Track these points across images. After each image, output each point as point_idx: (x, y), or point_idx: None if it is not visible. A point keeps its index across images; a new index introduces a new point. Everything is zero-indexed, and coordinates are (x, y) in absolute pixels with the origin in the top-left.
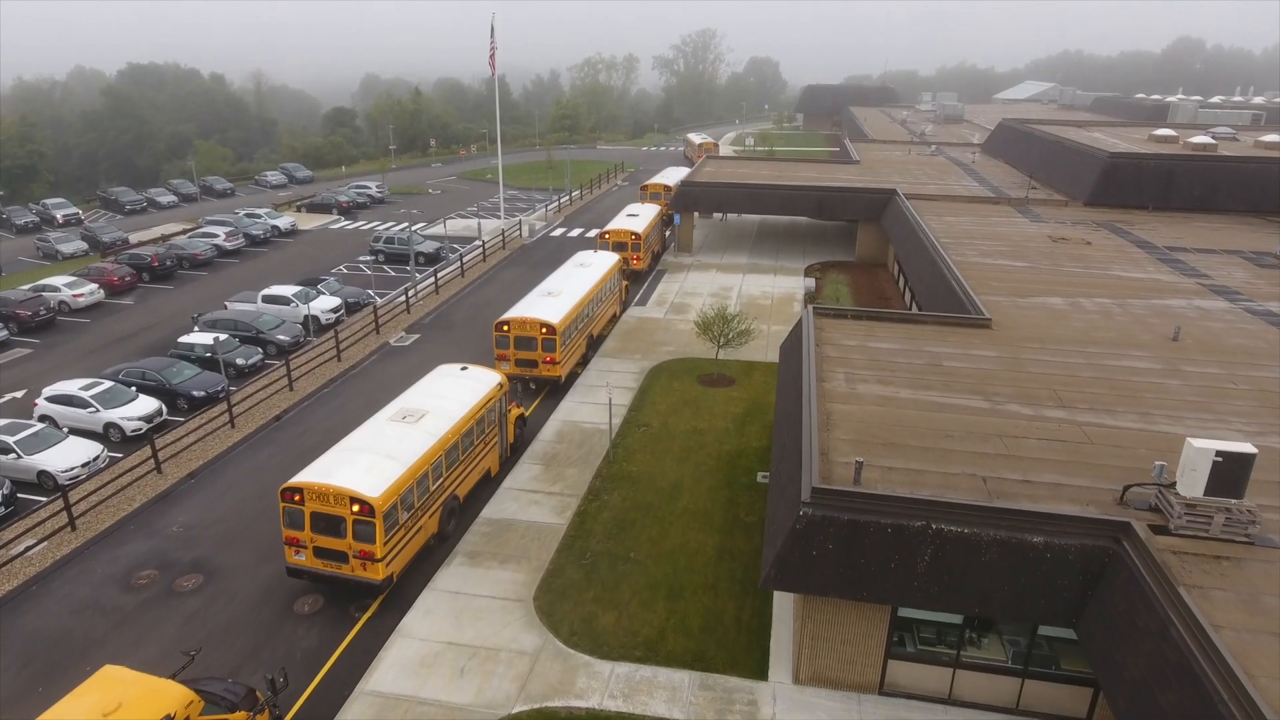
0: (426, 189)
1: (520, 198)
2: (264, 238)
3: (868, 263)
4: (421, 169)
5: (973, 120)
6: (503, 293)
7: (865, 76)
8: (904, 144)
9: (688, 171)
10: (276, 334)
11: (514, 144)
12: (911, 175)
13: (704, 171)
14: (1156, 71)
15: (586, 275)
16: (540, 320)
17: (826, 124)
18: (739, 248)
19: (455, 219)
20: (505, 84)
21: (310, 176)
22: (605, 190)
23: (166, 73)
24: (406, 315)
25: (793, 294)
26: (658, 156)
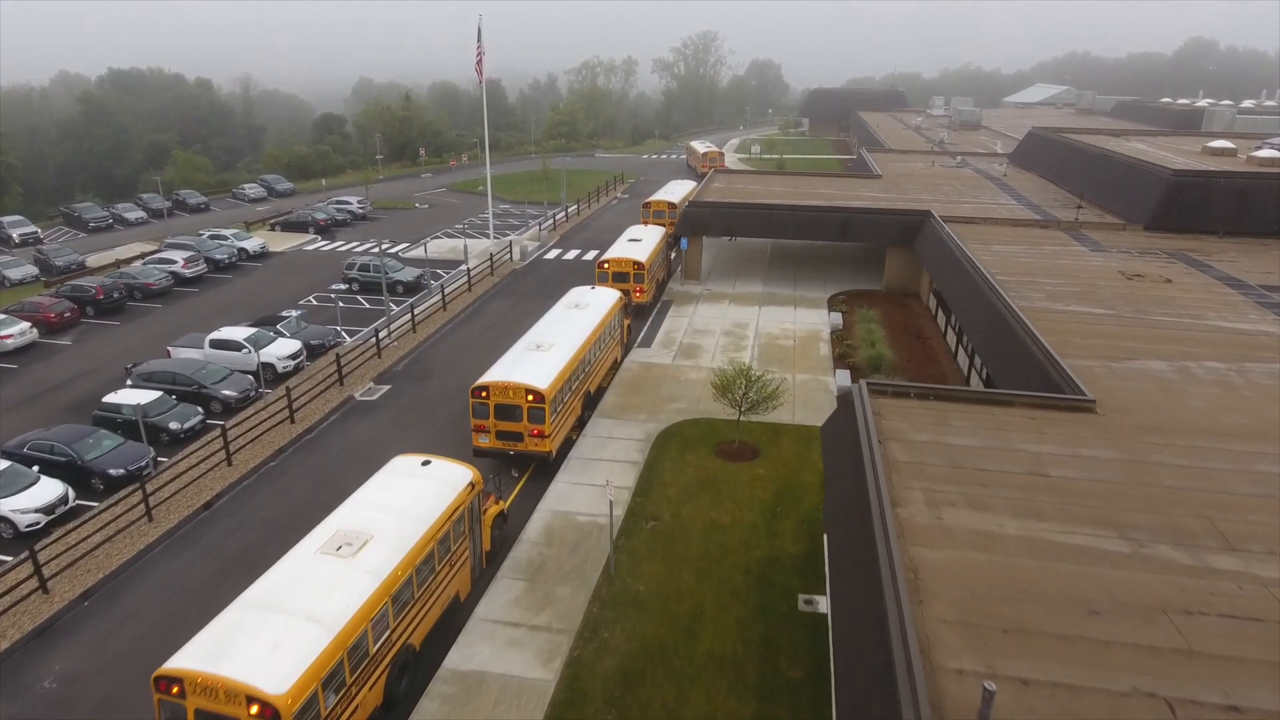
0: (413, 203)
1: (512, 213)
2: (229, 262)
3: (897, 292)
4: (410, 180)
5: (991, 127)
6: (489, 330)
7: (868, 79)
8: (924, 154)
9: (692, 186)
10: (222, 388)
11: (508, 152)
12: (941, 192)
13: (713, 189)
14: (1168, 73)
15: (582, 320)
16: (526, 386)
17: (833, 129)
18: (752, 274)
19: (441, 239)
20: (500, 88)
21: (291, 189)
22: (604, 204)
23: (150, 78)
24: (377, 360)
25: (817, 332)
26: (659, 165)
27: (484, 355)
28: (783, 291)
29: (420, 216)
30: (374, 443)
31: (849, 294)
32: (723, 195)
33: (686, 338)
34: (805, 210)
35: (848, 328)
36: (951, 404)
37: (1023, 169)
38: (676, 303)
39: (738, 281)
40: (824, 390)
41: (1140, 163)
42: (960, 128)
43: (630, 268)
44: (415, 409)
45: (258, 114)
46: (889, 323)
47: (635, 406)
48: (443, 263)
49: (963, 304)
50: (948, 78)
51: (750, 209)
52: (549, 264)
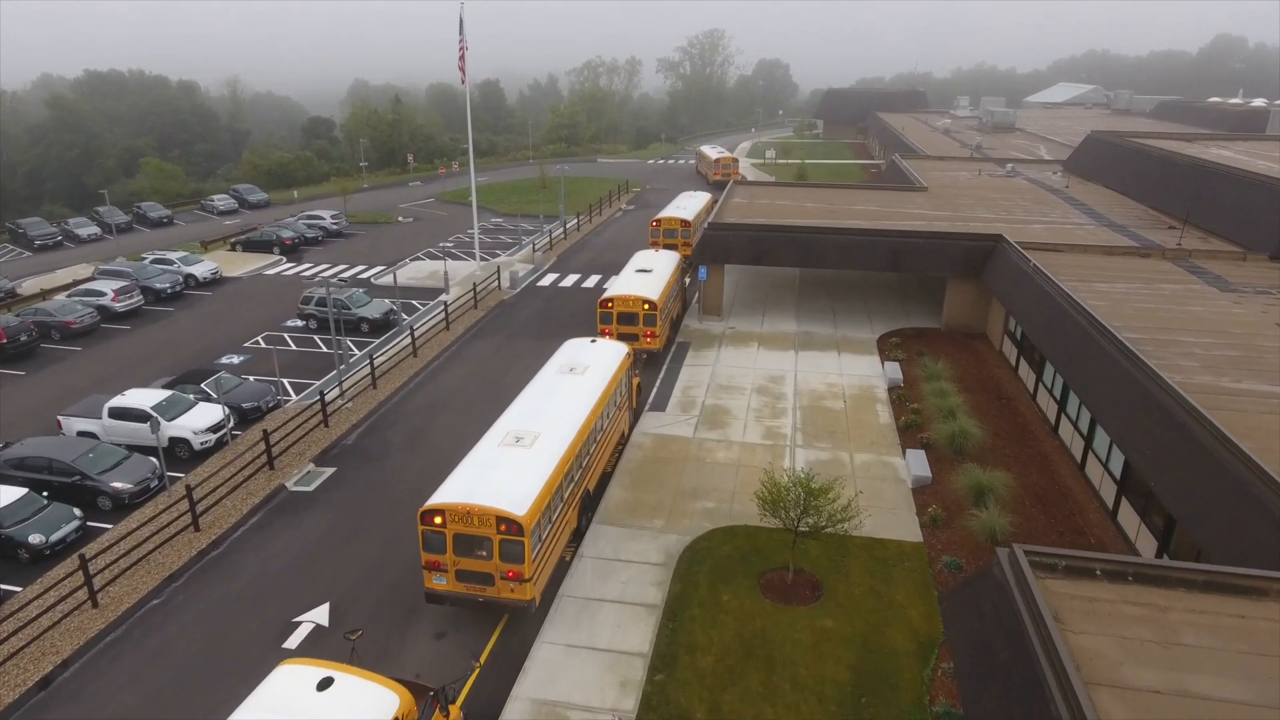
0: (396, 217)
1: (505, 228)
2: (172, 292)
3: (959, 331)
4: (397, 189)
5: (1025, 129)
6: (468, 383)
7: (878, 79)
8: (965, 160)
9: (706, 198)
10: (113, 479)
11: (504, 158)
12: (1001, 208)
13: (734, 207)
14: (1193, 71)
15: (580, 392)
16: (498, 512)
17: (849, 131)
18: (782, 306)
19: (421, 260)
20: (499, 89)
21: (265, 200)
22: (607, 217)
23: (129, 81)
24: (323, 431)
25: (871, 388)
26: (666, 172)
27: (459, 422)
28: (821, 330)
29: (402, 233)
30: (295, 566)
31: (901, 334)
32: (746, 214)
33: (710, 397)
34: (849, 235)
35: (909, 382)
36: (1168, 590)
37: (1083, 179)
38: (695, 345)
39: (766, 316)
40: (893, 479)
41: (1256, 176)
42: (993, 130)
43: (639, 307)
44: (362, 506)
45: (245, 117)
46: (959, 376)
47: (649, 507)
48: (420, 291)
49: (1076, 368)
50: (961, 77)
51: (782, 233)
52: (543, 293)
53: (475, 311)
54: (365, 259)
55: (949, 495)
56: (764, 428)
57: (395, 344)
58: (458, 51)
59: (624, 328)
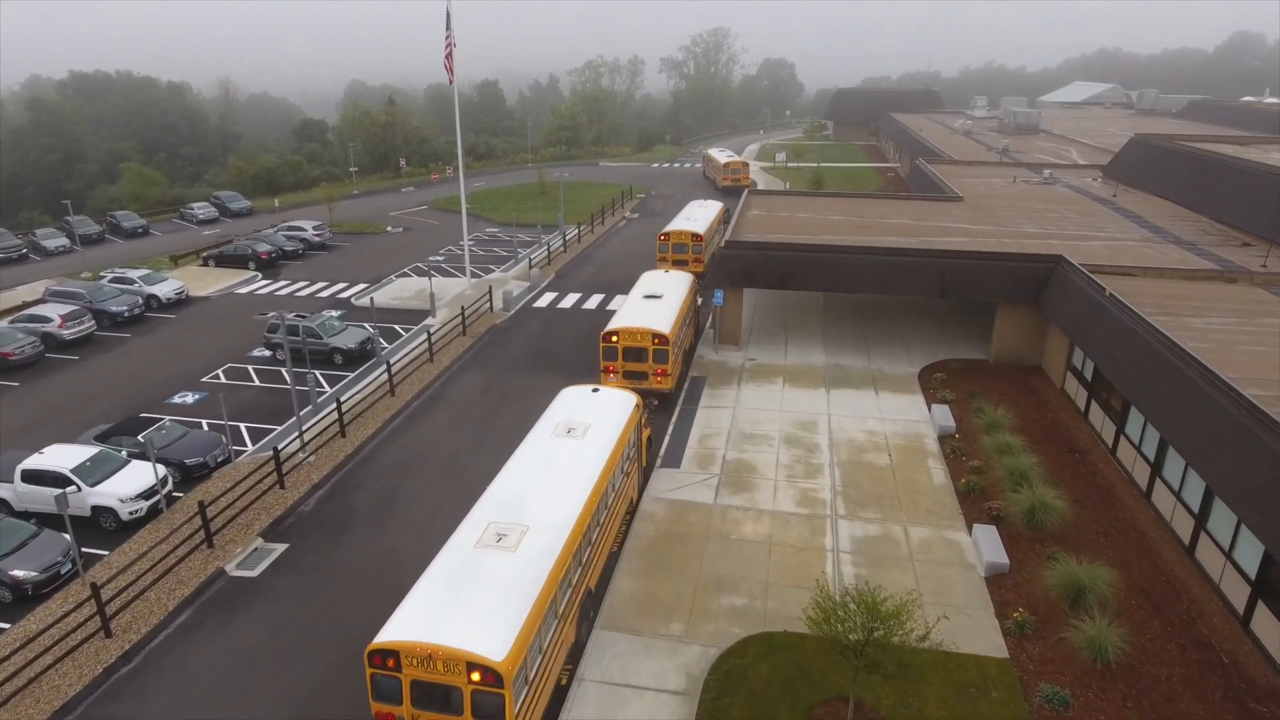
0: (385, 226)
1: (500, 239)
2: (130, 315)
3: (1011, 364)
4: (389, 195)
5: (1051, 130)
6: (451, 431)
7: (884, 78)
8: (994, 166)
9: (718, 207)
10: (13, 565)
11: (503, 160)
12: (1048, 221)
13: (751, 220)
14: (1210, 70)
15: (578, 466)
16: (469, 657)
17: (861, 133)
18: (807, 333)
19: (408, 276)
20: (497, 90)
21: (248, 208)
22: (610, 227)
23: (116, 83)
24: (278, 494)
25: (918, 435)
26: (671, 176)
27: (438, 485)
28: (854, 363)
29: (389, 244)
30: (222, 691)
31: (945, 367)
32: (767, 229)
33: (731, 449)
34: (888, 255)
35: (964, 430)
36: None
37: (1129, 186)
38: (712, 381)
39: (790, 345)
40: (960, 563)
41: None
42: (1016, 132)
43: (648, 341)
44: (314, 601)
45: (238, 119)
46: (1020, 423)
47: (665, 604)
48: (404, 314)
49: (1182, 427)
50: (969, 76)
51: (810, 253)
52: (540, 315)
53: (463, 339)
54: (347, 275)
55: (1034, 591)
56: (798, 491)
57: (371, 379)
58: (445, 48)
59: (631, 364)
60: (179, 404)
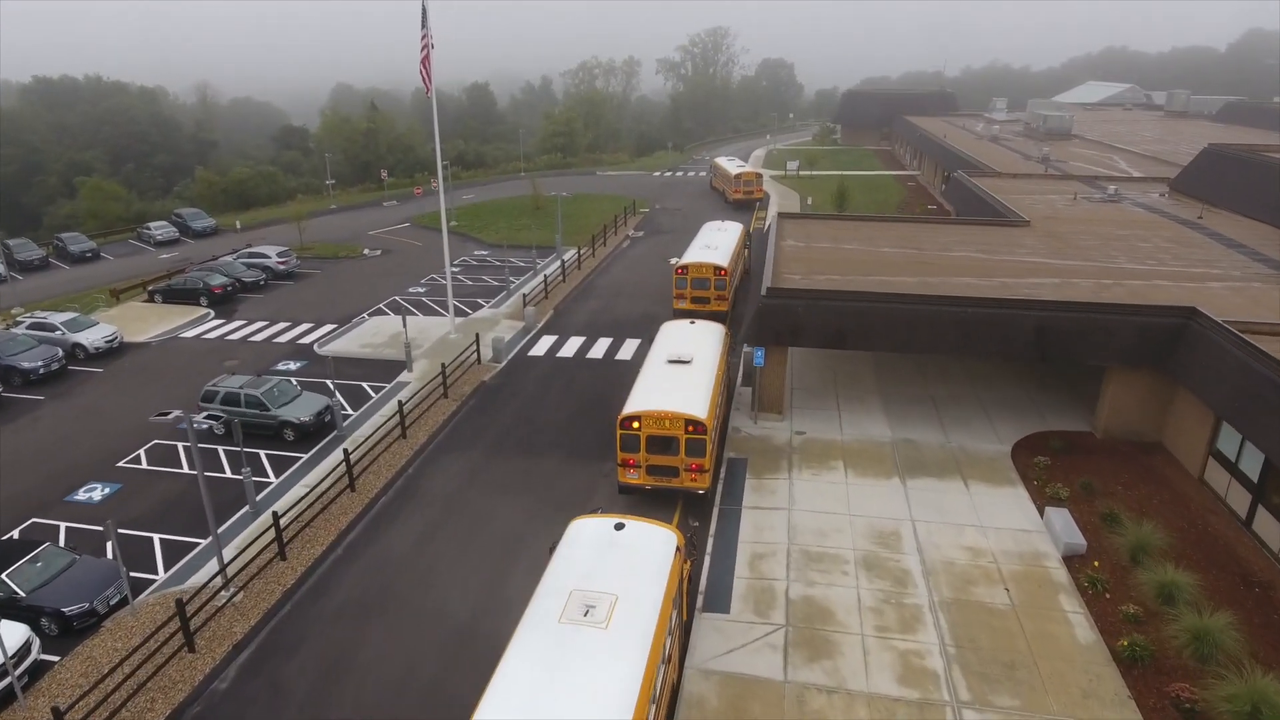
0: (361, 249)
1: (490, 263)
2: (47, 371)
3: (1123, 438)
4: (370, 210)
5: (1084, 135)
6: (421, 552)
7: (884, 79)
8: (1043, 179)
9: (738, 230)
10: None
11: (495, 169)
12: (1141, 253)
13: (789, 254)
14: (1221, 68)
15: (600, 676)
16: None
17: (872, 137)
18: (860, 391)
19: (383, 314)
20: (488, 93)
21: (212, 227)
22: (613, 249)
23: (84, 88)
24: (183, 661)
25: (1037, 556)
26: (677, 187)
27: (414, 632)
28: (927, 437)
29: (365, 271)
30: None
31: (1042, 442)
32: (811, 268)
33: (795, 578)
34: (971, 308)
35: (1097, 548)
36: None
37: (1208, 205)
38: (755, 466)
39: (844, 410)
40: None
41: None
42: (1047, 137)
43: (679, 429)
44: None
45: (216, 126)
46: (1173, 539)
47: None
48: (374, 366)
49: None
50: (971, 76)
51: (875, 304)
52: (536, 368)
53: (445, 402)
54: (313, 312)
55: None
56: (895, 656)
57: (327, 466)
58: (421, 49)
59: (657, 458)
60: (82, 503)
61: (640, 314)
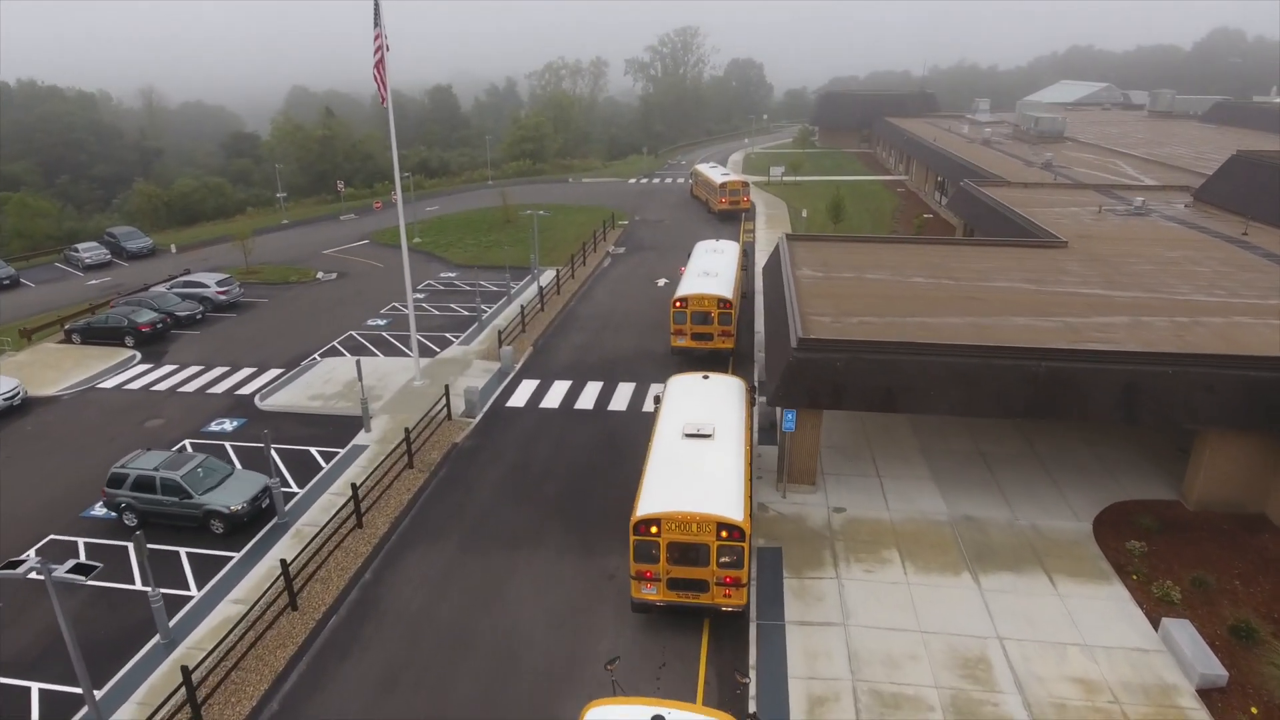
0: (315, 271)
1: (458, 287)
2: None
3: (1222, 509)
4: (326, 225)
5: (1077, 137)
6: (385, 698)
7: (852, 78)
8: (1058, 189)
9: (732, 250)
10: None
11: (460, 178)
12: (1203, 278)
13: (810, 289)
14: (1187, 67)
15: None
16: None
17: (851, 139)
18: (898, 447)
19: (339, 357)
20: (452, 95)
21: (148, 247)
22: (594, 269)
23: (17, 94)
24: None
25: (1162, 687)
26: (654, 195)
27: None
28: (990, 513)
29: (319, 299)
30: None
31: (1126, 518)
32: (841, 309)
33: None
34: (1046, 361)
35: (1235, 671)
36: None
37: (1243, 217)
38: (792, 560)
39: (884, 474)
40: None
41: None
42: (1040, 140)
43: (711, 534)
44: None
45: (163, 132)
46: None
47: None
48: (325, 425)
49: None
50: (940, 75)
51: (929, 356)
52: (518, 425)
53: (410, 474)
54: (256, 353)
55: None
56: None
57: (263, 573)
58: (374, 49)
59: (681, 570)
60: None
61: (632, 350)
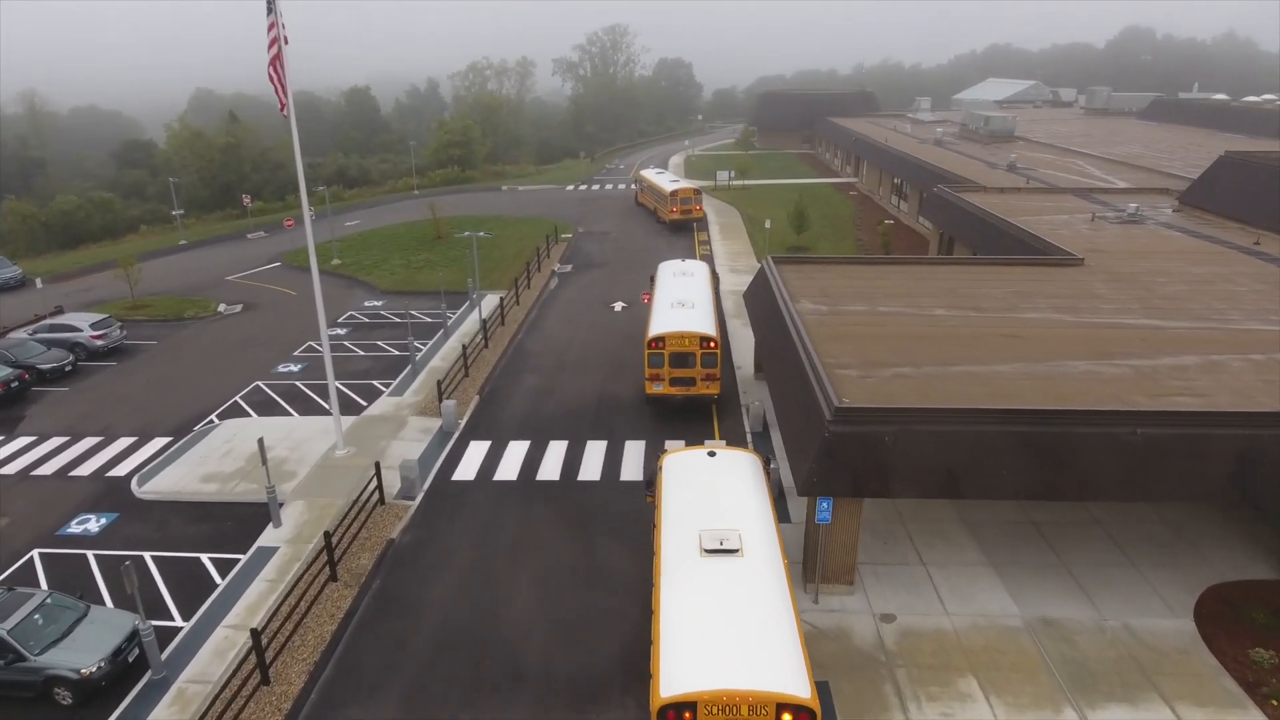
0: (215, 303)
1: (385, 319)
2: None
3: None
4: (231, 245)
5: (1028, 136)
6: None
7: (778, 77)
8: (1038, 194)
9: (705, 273)
10: None
11: (382, 188)
12: (1246, 300)
13: (827, 333)
14: (1100, 64)
15: None
16: None
17: (792, 140)
18: (939, 525)
19: (237, 421)
20: (370, 98)
21: (17, 278)
22: (540, 293)
23: None
24: None
25: None
26: (597, 203)
27: None
28: (1070, 611)
29: (219, 340)
30: None
31: (1224, 603)
32: (863, 354)
33: None
34: (1141, 426)
35: None
36: None
37: (1244, 224)
38: (845, 701)
39: (928, 560)
40: None
41: None
42: (990, 140)
43: (770, 716)
44: None
45: (49, 141)
46: None
47: None
48: (220, 518)
49: None
50: (864, 74)
51: (1002, 425)
52: (469, 506)
53: (334, 589)
54: (139, 415)
55: None
56: None
57: None
58: (269, 43)
59: None
60: None
61: (597, 396)
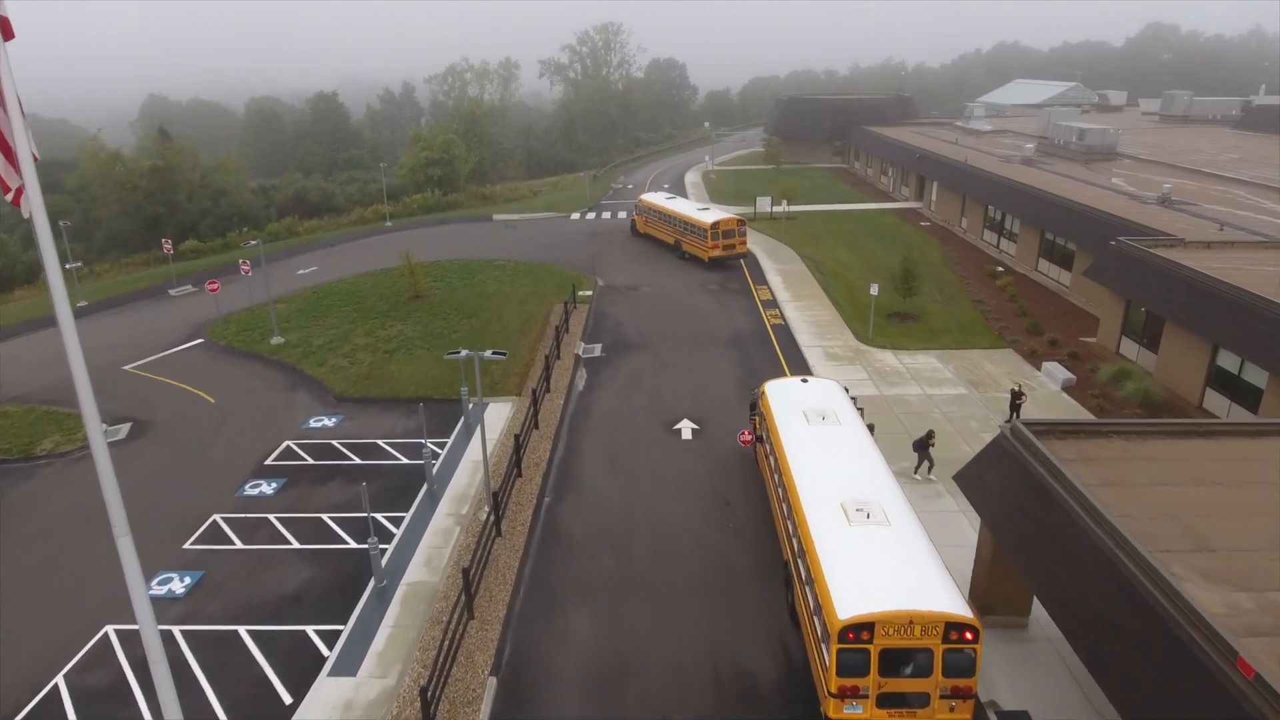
0: (86, 431)
1: (341, 457)
2: None
3: None
4: (148, 306)
5: (1131, 153)
6: None
7: (773, 78)
8: (1250, 249)
9: (842, 400)
10: None
11: (347, 218)
12: None
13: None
14: (1118, 63)
15: None
16: None
17: (822, 152)
18: None
19: None
20: (339, 105)
21: None
22: (566, 402)
23: None
24: None
25: None
26: (611, 237)
27: None
28: None
29: (70, 511)
30: None
31: None
32: None
33: None
34: None
35: None
36: None
37: None
38: None
39: None
40: None
41: None
42: (1088, 157)
43: None
44: None
45: None
46: None
47: None
48: None
49: None
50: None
51: None
52: None
53: None
54: None
55: None
56: None
57: None
58: None
59: None
60: None
61: (710, 669)
